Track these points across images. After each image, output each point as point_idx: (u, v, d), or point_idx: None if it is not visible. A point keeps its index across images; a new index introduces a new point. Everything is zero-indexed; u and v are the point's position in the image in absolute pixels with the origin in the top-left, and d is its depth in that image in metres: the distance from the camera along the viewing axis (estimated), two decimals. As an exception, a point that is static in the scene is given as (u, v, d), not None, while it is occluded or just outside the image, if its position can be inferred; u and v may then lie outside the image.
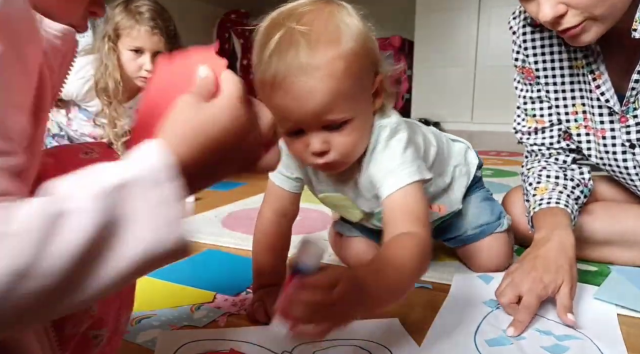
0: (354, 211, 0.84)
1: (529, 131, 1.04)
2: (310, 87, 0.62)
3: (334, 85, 0.63)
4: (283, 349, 0.65)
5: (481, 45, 4.86)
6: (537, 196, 0.94)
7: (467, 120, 4.73)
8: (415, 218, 0.64)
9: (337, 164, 0.70)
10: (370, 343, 0.67)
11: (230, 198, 1.60)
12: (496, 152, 2.94)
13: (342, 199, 0.82)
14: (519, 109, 1.05)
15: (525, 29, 0.97)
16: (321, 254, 0.51)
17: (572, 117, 0.96)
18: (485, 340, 0.69)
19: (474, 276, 0.91)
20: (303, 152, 0.69)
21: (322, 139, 0.67)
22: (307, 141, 0.68)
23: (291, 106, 0.64)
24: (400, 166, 0.68)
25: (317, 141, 0.67)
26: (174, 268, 0.95)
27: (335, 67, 0.63)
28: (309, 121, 0.66)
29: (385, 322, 0.73)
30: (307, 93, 0.63)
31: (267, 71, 0.64)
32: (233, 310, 0.78)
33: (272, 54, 0.63)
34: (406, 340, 0.68)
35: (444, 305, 0.80)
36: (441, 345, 0.67)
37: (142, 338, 0.68)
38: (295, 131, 0.68)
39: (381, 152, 0.71)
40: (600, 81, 0.87)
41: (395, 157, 0.69)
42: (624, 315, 0.77)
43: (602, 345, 0.67)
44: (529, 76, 1.01)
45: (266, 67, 0.64)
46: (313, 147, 0.67)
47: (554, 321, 0.74)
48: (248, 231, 1.22)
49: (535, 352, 0.66)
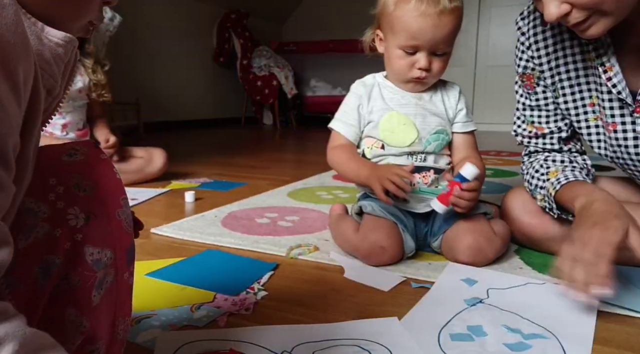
0: (411, 130, 1.02)
1: (529, 135, 1.05)
2: (447, 20, 0.94)
3: (456, 25, 0.96)
4: (283, 349, 0.65)
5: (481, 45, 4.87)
6: (552, 179, 0.94)
7: (467, 120, 4.73)
8: (474, 148, 1.08)
9: (426, 81, 1.02)
10: (370, 343, 0.67)
11: (230, 198, 1.60)
12: (496, 152, 2.94)
13: (406, 118, 1.03)
14: (518, 111, 1.06)
15: (537, 29, 0.98)
16: (476, 172, 0.93)
17: (590, 109, 0.96)
18: (449, 334, 0.69)
19: (458, 278, 0.91)
20: (408, 67, 0.99)
21: (429, 59, 0.98)
22: (414, 59, 0.98)
23: (428, 30, 0.93)
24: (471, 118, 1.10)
25: (425, 60, 0.97)
26: (174, 268, 0.96)
27: (459, 15, 0.96)
28: (429, 44, 0.95)
29: (385, 322, 0.73)
30: (444, 24, 0.94)
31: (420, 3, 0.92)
32: (233, 310, 0.78)
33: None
34: (406, 340, 0.68)
35: (425, 296, 0.81)
36: (404, 336, 0.68)
37: (142, 338, 0.68)
38: (410, 52, 0.97)
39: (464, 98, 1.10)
40: (611, 73, 0.87)
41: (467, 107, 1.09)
42: (623, 315, 0.77)
43: (568, 345, 0.67)
44: (529, 84, 1.02)
45: (417, 1, 0.92)
46: (421, 63, 0.97)
47: (528, 320, 0.74)
48: (248, 231, 1.23)
49: (497, 349, 0.66)
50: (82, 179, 0.45)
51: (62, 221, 0.43)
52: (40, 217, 0.42)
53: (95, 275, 0.44)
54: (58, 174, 0.44)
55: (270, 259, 1.02)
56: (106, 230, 0.45)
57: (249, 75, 5.12)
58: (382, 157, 1.05)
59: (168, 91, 4.46)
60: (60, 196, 0.44)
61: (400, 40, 0.96)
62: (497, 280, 0.90)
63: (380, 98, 1.05)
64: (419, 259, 1.02)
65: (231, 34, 5.08)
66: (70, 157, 0.47)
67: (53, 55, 0.40)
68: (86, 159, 0.47)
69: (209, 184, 1.88)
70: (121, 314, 0.48)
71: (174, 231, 1.21)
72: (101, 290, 0.45)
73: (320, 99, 5.43)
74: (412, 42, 0.95)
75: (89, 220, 0.44)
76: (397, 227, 0.99)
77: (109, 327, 0.47)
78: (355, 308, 0.79)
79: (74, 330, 0.43)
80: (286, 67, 5.24)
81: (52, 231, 0.42)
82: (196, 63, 4.84)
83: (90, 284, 0.44)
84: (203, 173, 2.13)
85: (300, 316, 0.76)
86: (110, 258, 0.45)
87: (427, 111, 1.03)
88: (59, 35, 0.40)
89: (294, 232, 1.22)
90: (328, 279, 0.92)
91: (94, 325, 0.45)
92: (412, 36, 0.94)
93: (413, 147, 1.02)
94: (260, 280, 0.90)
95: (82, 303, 0.44)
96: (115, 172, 0.47)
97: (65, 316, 0.43)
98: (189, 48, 4.69)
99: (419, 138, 1.02)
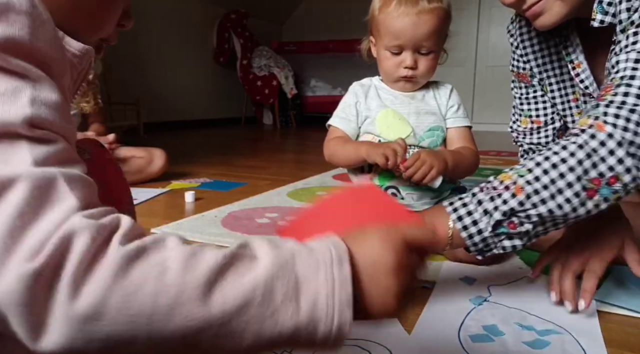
0: (406, 127, 1.05)
1: (524, 131, 1.09)
2: (426, 19, 0.96)
3: (437, 23, 0.97)
4: (283, 349, 0.65)
5: (481, 45, 4.87)
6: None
7: (467, 120, 4.73)
8: (469, 141, 1.07)
9: (415, 80, 1.04)
10: (370, 343, 0.67)
11: (230, 198, 1.60)
12: (496, 152, 2.94)
13: (400, 116, 1.05)
14: (515, 109, 1.10)
15: (522, 30, 1.03)
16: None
17: (574, 104, 1.01)
18: (469, 336, 0.70)
19: (457, 278, 0.92)
20: (396, 66, 1.01)
21: (414, 58, 1.00)
22: (401, 59, 1.00)
23: (408, 28, 0.96)
24: (466, 115, 1.10)
25: (410, 58, 1.00)
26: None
27: (440, 14, 0.98)
28: (412, 43, 0.98)
29: (385, 322, 0.73)
30: (423, 22, 0.96)
31: (399, 5, 0.96)
32: (233, 310, 0.77)
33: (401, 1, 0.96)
34: (406, 340, 0.68)
35: (430, 300, 0.81)
36: (427, 339, 0.68)
37: (142, 338, 0.68)
38: (396, 52, 1.00)
39: (457, 95, 1.10)
40: (579, 70, 0.93)
41: (459, 103, 1.09)
42: (623, 315, 0.77)
43: (581, 339, 0.68)
44: (524, 80, 1.07)
45: (397, 4, 0.96)
46: (407, 62, 1.00)
47: (536, 316, 0.75)
48: (248, 231, 1.23)
49: (517, 348, 0.66)
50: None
51: None
52: None
53: None
54: None
55: (270, 259, 1.01)
56: None
57: (249, 76, 5.12)
58: None
59: (168, 91, 4.46)
60: None
61: (385, 41, 1.00)
62: (494, 277, 0.92)
63: (377, 97, 1.07)
64: (419, 259, 1.02)
65: (231, 34, 5.08)
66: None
67: (69, 64, 0.41)
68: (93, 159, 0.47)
69: (209, 184, 1.88)
70: None
71: (174, 231, 1.21)
72: None
73: (320, 99, 5.43)
74: (395, 42, 0.99)
75: None
76: None
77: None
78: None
79: None
80: (286, 67, 5.24)
81: None
82: (196, 63, 4.84)
83: None
84: (203, 173, 2.13)
85: (300, 316, 0.76)
86: None
87: (421, 109, 1.06)
88: (78, 46, 0.42)
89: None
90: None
91: None
92: (395, 36, 0.98)
93: (407, 141, 1.03)
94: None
95: None
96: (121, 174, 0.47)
97: None
98: (189, 48, 4.69)
99: (413, 133, 1.04)
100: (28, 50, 0.32)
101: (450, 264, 0.98)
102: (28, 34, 0.32)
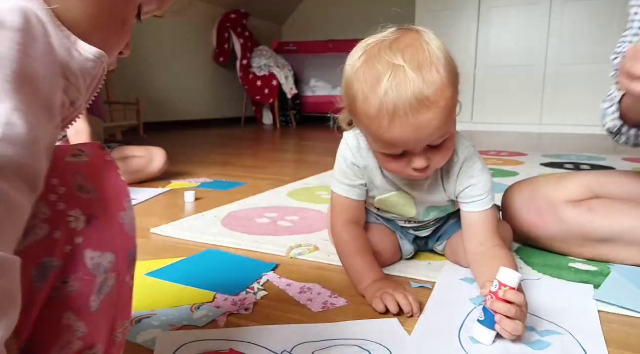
0: (411, 209, 0.92)
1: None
2: (429, 118, 0.69)
3: (447, 113, 0.70)
4: (283, 349, 0.65)
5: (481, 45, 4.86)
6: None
7: (467, 120, 4.73)
8: (492, 230, 0.86)
9: (430, 173, 0.80)
10: (370, 343, 0.67)
11: (230, 198, 1.60)
12: (496, 152, 2.94)
13: (406, 197, 0.90)
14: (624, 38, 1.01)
15: None
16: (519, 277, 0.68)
17: None
18: (469, 336, 0.69)
19: (457, 278, 0.91)
20: (403, 168, 0.78)
21: (426, 157, 0.75)
22: (409, 160, 0.76)
23: (409, 136, 0.71)
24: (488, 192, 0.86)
25: (421, 160, 0.75)
26: (174, 268, 0.96)
27: (447, 97, 0.69)
28: (420, 145, 0.73)
29: (385, 322, 0.73)
30: (428, 123, 0.69)
31: (384, 106, 0.69)
32: (233, 310, 0.78)
33: (388, 91, 0.68)
34: (406, 340, 0.68)
35: (430, 300, 0.81)
36: (427, 339, 0.68)
37: (142, 338, 0.68)
38: (399, 154, 0.76)
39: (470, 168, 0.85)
40: None
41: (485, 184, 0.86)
42: (623, 315, 0.77)
43: (582, 339, 0.68)
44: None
45: (382, 103, 0.69)
46: (418, 165, 0.75)
47: (537, 316, 0.75)
48: (248, 231, 1.23)
49: (519, 349, 0.66)
50: (86, 181, 0.45)
51: (63, 223, 0.43)
52: (40, 218, 0.42)
53: (95, 280, 0.43)
54: (61, 175, 0.44)
55: (270, 259, 1.02)
56: (108, 234, 0.44)
57: (249, 76, 5.13)
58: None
59: (168, 91, 4.46)
60: (62, 197, 0.43)
61: (380, 148, 0.77)
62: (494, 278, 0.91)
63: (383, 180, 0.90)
64: (418, 259, 1.02)
65: (231, 34, 5.09)
66: (75, 158, 0.46)
67: (81, 69, 0.41)
68: (91, 161, 0.46)
69: (209, 184, 1.88)
70: (121, 318, 0.47)
71: (174, 231, 1.21)
72: (101, 295, 0.44)
73: (320, 99, 5.43)
74: (394, 150, 0.75)
75: (90, 223, 0.44)
76: (391, 230, 0.99)
77: (108, 331, 0.46)
78: (355, 308, 0.79)
79: (71, 335, 0.43)
80: (286, 67, 5.24)
81: (52, 233, 0.42)
82: (196, 63, 4.84)
83: (89, 289, 0.43)
84: (203, 173, 2.13)
85: (300, 316, 0.76)
86: (111, 262, 0.45)
87: (425, 200, 0.91)
88: (91, 51, 0.41)
89: (294, 233, 1.22)
90: (328, 279, 0.92)
91: (92, 331, 0.44)
92: (392, 145, 0.74)
93: (416, 216, 0.96)
94: (260, 280, 0.90)
95: (81, 307, 0.43)
96: (119, 175, 0.47)
97: (62, 320, 0.42)
98: (189, 48, 4.69)
99: (417, 213, 0.94)
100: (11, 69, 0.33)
101: (450, 264, 0.98)
102: (16, 51, 0.33)
